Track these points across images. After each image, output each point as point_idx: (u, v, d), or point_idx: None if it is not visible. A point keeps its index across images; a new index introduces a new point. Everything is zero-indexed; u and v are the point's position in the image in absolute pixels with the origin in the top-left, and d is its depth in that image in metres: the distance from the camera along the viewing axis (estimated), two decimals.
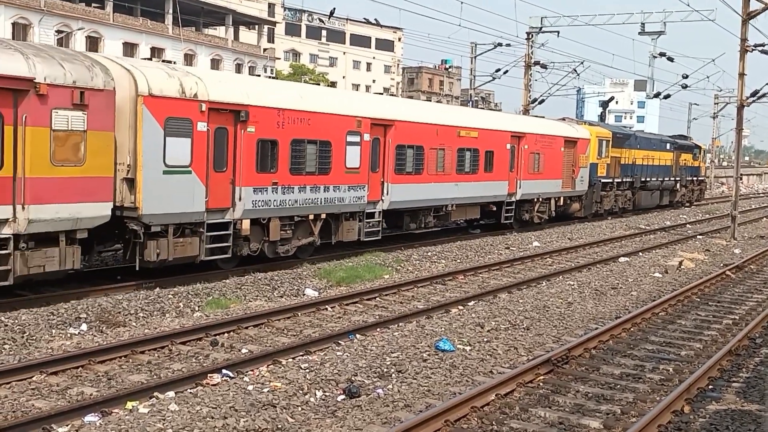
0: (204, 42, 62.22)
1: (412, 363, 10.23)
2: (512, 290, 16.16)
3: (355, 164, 19.23)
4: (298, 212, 17.78)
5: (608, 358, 11.10)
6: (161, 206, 14.37)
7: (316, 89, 20.58)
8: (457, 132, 23.41)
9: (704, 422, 8.41)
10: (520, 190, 27.15)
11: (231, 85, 16.56)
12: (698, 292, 16.68)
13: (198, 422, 7.70)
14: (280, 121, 16.94)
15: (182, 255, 15.00)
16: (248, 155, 16.15)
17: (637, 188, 38.39)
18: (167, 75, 14.69)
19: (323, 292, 15.42)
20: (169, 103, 14.41)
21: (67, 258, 13.03)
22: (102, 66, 13.48)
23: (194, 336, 11.36)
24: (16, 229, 12.13)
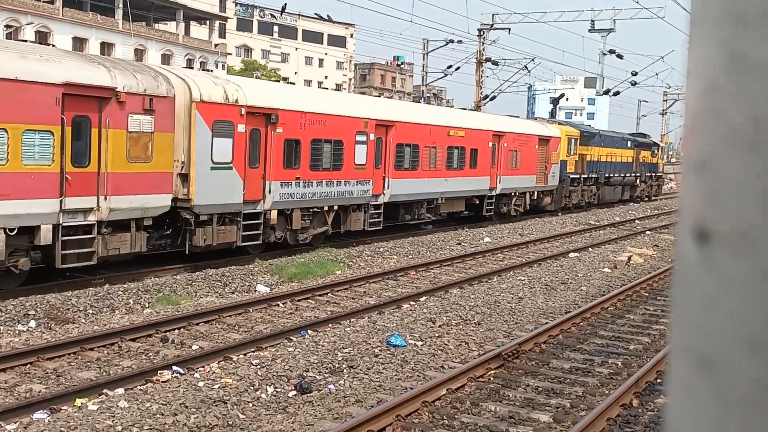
0: (155, 37, 61.37)
1: (364, 358, 10.25)
2: (463, 286, 16.29)
3: (362, 161, 21.27)
4: (316, 204, 19.86)
5: (558, 352, 11.26)
6: (209, 198, 16.36)
7: (331, 94, 23.66)
8: (447, 131, 25.51)
9: (653, 415, 8.59)
10: (500, 184, 29.24)
11: (264, 91, 18.88)
12: (647, 287, 17.01)
13: (148, 419, 7.62)
14: (303, 123, 18.96)
15: (223, 241, 17.01)
16: (277, 153, 18.16)
17: (602, 183, 40.30)
18: (213, 83, 16.93)
19: (275, 288, 15.36)
20: (216, 107, 16.47)
21: (137, 242, 15.10)
22: (164, 76, 15.72)
23: (144, 333, 11.23)
24: (99, 216, 14.16)
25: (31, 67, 12.97)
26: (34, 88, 12.89)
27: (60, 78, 13.29)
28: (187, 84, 16.04)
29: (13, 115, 12.63)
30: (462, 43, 42.94)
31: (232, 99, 16.83)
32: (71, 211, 13.65)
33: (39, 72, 13.04)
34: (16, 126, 12.66)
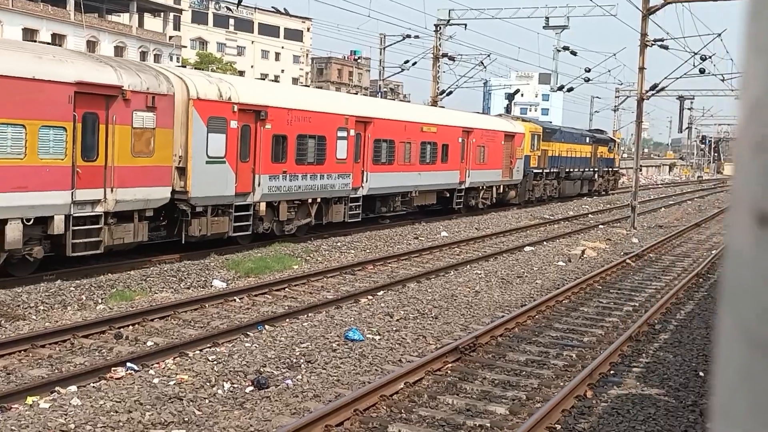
0: (107, 29, 60.31)
1: (322, 353, 10.22)
2: (421, 280, 16.33)
3: (343, 156, 22.32)
4: (301, 196, 20.89)
5: (514, 345, 11.35)
6: (204, 190, 17.24)
7: (314, 92, 24.85)
8: (420, 128, 26.86)
9: (606, 406, 8.70)
10: (468, 178, 30.62)
11: (254, 89, 20.00)
12: (600, 280, 17.24)
13: (101, 416, 7.49)
14: (289, 119, 19.92)
15: (216, 231, 17.88)
16: (265, 148, 19.11)
17: (562, 178, 41.80)
18: (208, 81, 17.92)
19: (231, 283, 15.22)
20: (211, 104, 17.38)
21: (139, 232, 15.93)
22: (164, 75, 16.60)
23: (97, 329, 11.03)
24: (106, 207, 14.96)
25: (47, 67, 13.82)
26: (50, 87, 13.75)
27: (73, 77, 14.15)
28: (185, 82, 16.97)
29: (31, 112, 13.45)
30: (419, 38, 43.08)
31: (225, 96, 17.79)
32: (81, 203, 14.53)
33: (54, 72, 13.90)
34: (33, 122, 13.48)
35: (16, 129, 13.24)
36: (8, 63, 13.19)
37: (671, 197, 52.04)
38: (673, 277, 18.34)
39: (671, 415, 8.48)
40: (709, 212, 39.44)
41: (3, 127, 13.05)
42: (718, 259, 21.68)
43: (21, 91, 13.22)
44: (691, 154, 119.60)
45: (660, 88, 34.21)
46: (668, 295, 15.23)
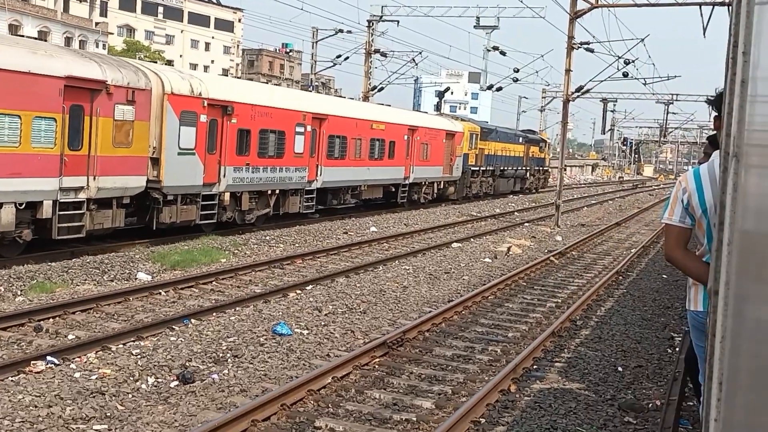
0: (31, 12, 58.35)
1: (249, 347, 10.08)
2: (350, 274, 16.29)
3: (300, 150, 23.68)
4: (262, 188, 22.20)
5: (441, 340, 11.43)
6: (176, 180, 18.28)
7: (276, 89, 26.90)
8: (370, 125, 28.37)
9: (529, 400, 8.83)
10: (413, 174, 32.35)
11: (221, 85, 21.44)
12: (524, 277, 17.51)
13: (20, 411, 7.22)
14: (253, 114, 21.17)
15: (185, 219, 19.00)
16: (231, 141, 20.32)
17: (497, 176, 43.85)
18: (181, 77, 19.02)
19: (157, 276, 14.90)
20: (183, 99, 18.46)
21: (117, 218, 16.99)
22: (142, 71, 17.64)
23: (16, 321, 10.63)
24: (89, 194, 15.96)
25: (41, 61, 14.82)
26: (43, 80, 14.73)
27: (63, 72, 15.13)
28: (160, 78, 18.00)
29: (26, 103, 14.39)
30: (351, 33, 42.98)
31: (196, 92, 18.97)
32: (67, 189, 15.48)
33: (47, 66, 14.88)
34: (28, 113, 14.45)
35: (12, 119, 14.21)
36: (7, 57, 14.20)
37: (594, 197, 53.28)
38: (594, 275, 18.76)
39: (591, 409, 8.66)
40: (630, 212, 40.54)
41: (1, 117, 13.99)
42: (637, 257, 22.29)
43: (18, 84, 14.19)
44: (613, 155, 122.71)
45: (585, 90, 34.97)
46: (589, 292, 15.56)
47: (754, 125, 1.71)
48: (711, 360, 1.61)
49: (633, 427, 8.21)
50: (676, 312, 14.64)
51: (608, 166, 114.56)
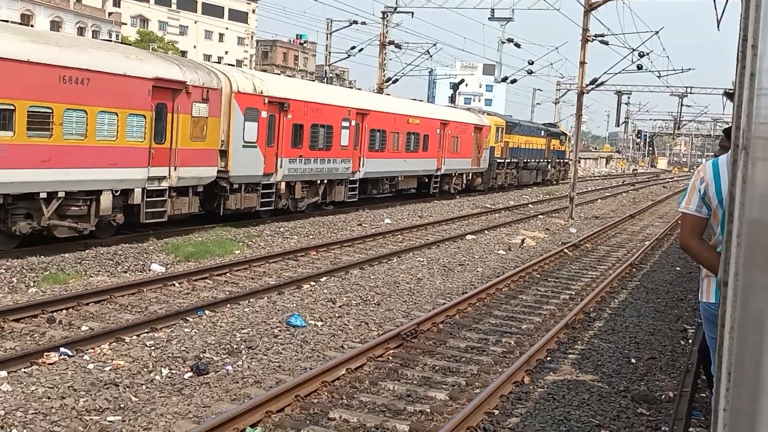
0: (43, 2, 58.57)
1: (263, 339, 10.12)
2: (364, 266, 16.32)
3: (346, 143, 25.77)
4: (313, 177, 24.34)
5: (455, 332, 11.44)
6: (241, 170, 20.27)
7: (325, 86, 29.72)
8: (407, 119, 30.41)
9: (543, 392, 8.83)
10: (444, 166, 34.34)
11: (279, 83, 23.34)
12: (538, 269, 17.48)
13: (33, 403, 7.28)
14: (306, 110, 23.21)
15: (247, 205, 21.06)
16: (287, 135, 22.39)
17: (521, 167, 45.86)
18: (245, 77, 21.00)
19: (170, 268, 14.97)
20: (248, 97, 20.42)
21: (192, 204, 18.91)
22: (214, 72, 19.62)
23: (29, 313, 10.70)
24: (170, 183, 17.87)
25: (134, 65, 16.76)
26: (136, 82, 16.60)
27: (151, 74, 17.03)
28: (228, 78, 19.92)
29: (122, 102, 16.28)
30: (366, 24, 42.81)
31: (258, 90, 20.97)
32: (153, 178, 17.40)
33: (139, 69, 16.82)
34: (123, 110, 16.34)
35: (111, 116, 16.11)
36: (108, 62, 16.10)
37: (608, 189, 53.07)
38: (608, 267, 18.70)
39: (604, 401, 8.65)
40: (643, 204, 40.35)
41: (102, 115, 15.86)
42: (651, 249, 22.20)
43: (116, 85, 16.09)
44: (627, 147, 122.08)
45: (599, 82, 34.80)
46: (603, 284, 15.52)
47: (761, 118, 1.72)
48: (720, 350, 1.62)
49: (646, 419, 8.20)
50: (690, 304, 14.59)
51: (622, 158, 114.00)
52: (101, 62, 15.88)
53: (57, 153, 15.01)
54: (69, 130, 15.22)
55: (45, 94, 14.60)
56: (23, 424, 6.84)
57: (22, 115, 14.22)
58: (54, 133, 14.87)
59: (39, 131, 14.61)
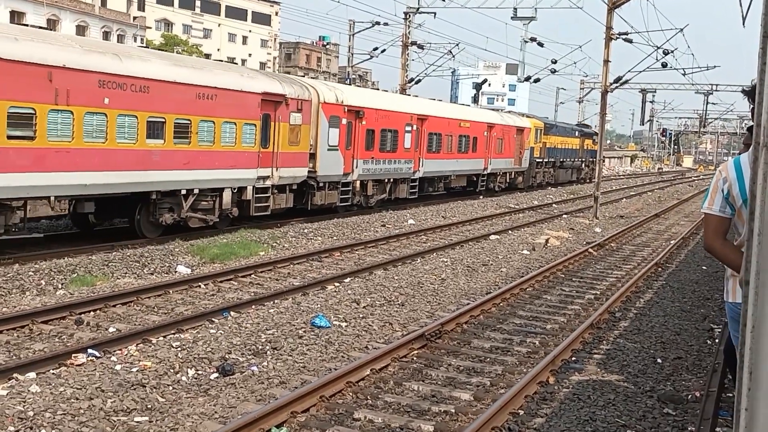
0: (69, 7, 59.21)
1: (288, 340, 10.17)
2: (388, 267, 16.34)
3: (408, 146, 28.65)
4: (382, 176, 27.45)
5: (479, 332, 11.42)
6: (326, 170, 23.50)
7: (391, 95, 32.72)
8: (459, 123, 33.21)
9: (568, 392, 8.79)
10: (490, 166, 37.12)
11: (355, 93, 26.62)
12: (563, 269, 17.40)
13: (61, 404, 7.37)
14: (376, 117, 26.23)
15: (329, 201, 24.21)
16: (361, 139, 25.43)
17: (557, 167, 48.64)
18: (329, 89, 24.36)
19: (196, 269, 15.08)
20: (331, 106, 23.60)
21: (288, 200, 22.13)
22: (305, 85, 22.92)
23: (57, 315, 10.84)
24: (273, 181, 21.02)
25: (247, 82, 20.12)
26: (249, 96, 19.81)
27: (260, 89, 20.29)
28: (316, 90, 23.11)
29: (239, 113, 19.43)
30: (388, 25, 42.90)
31: (339, 100, 24.05)
32: (260, 178, 20.50)
33: (251, 85, 20.16)
34: (240, 120, 19.45)
35: (231, 125, 19.14)
36: (229, 80, 19.32)
37: (632, 188, 52.67)
38: (633, 266, 18.57)
39: (630, 401, 8.60)
40: (669, 203, 39.99)
41: (225, 125, 19.01)
42: (677, 248, 22.01)
43: (235, 99, 19.28)
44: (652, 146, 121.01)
45: (624, 80, 34.54)
46: (628, 283, 15.42)
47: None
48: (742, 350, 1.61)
49: (672, 419, 8.14)
50: (716, 303, 14.44)
51: (647, 157, 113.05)
52: (224, 81, 19.00)
53: (193, 157, 18.14)
54: (202, 138, 18.31)
55: (186, 108, 17.76)
56: (52, 425, 6.93)
57: (170, 126, 17.30)
58: (191, 141, 18.01)
59: (181, 139, 17.70)
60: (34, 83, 14.24)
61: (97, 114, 15.59)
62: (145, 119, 16.71)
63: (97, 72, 15.52)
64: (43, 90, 14.41)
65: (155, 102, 16.87)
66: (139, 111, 16.55)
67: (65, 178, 15.15)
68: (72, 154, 15.15)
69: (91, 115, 15.45)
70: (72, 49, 15.40)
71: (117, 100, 15.97)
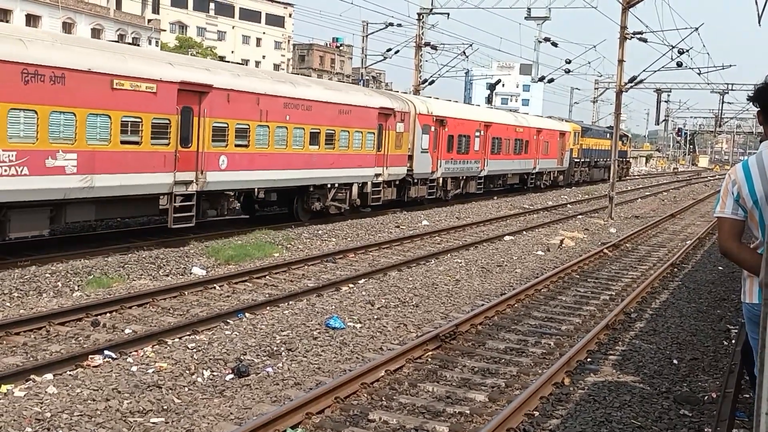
0: (84, 10, 59.57)
1: (303, 341, 10.19)
2: (402, 268, 16.33)
3: (477, 148, 33.62)
4: (457, 174, 32.36)
5: (494, 333, 11.39)
6: (419, 169, 28.58)
7: (465, 106, 38.61)
8: (515, 128, 38.27)
9: (583, 393, 8.75)
10: (538, 166, 42.08)
11: (440, 105, 31.29)
12: (578, 269, 17.33)
13: (78, 405, 7.41)
14: (455, 124, 31.22)
15: (420, 195, 29.33)
16: (444, 143, 30.37)
17: (592, 166, 53.77)
18: (421, 102, 29.41)
19: (211, 271, 15.13)
20: (424, 117, 28.57)
21: (392, 193, 27.13)
22: (406, 100, 28.25)
23: (74, 316, 10.91)
24: (383, 178, 25.93)
25: (369, 99, 25.24)
26: (371, 111, 24.87)
27: (377, 105, 25.35)
28: (413, 103, 28.21)
29: (364, 124, 24.46)
30: (401, 26, 42.80)
31: (429, 111, 29.05)
32: (376, 175, 25.44)
33: (372, 102, 25.16)
34: (364, 129, 24.47)
35: (359, 134, 24.18)
36: (359, 99, 24.55)
37: (647, 188, 52.41)
38: (649, 267, 18.47)
39: (646, 402, 8.55)
40: (684, 203, 39.76)
41: (356, 133, 24.04)
42: (693, 249, 21.87)
43: (363, 114, 24.32)
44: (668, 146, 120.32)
45: (638, 80, 34.36)
46: (644, 284, 15.33)
47: None
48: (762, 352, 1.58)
49: (689, 420, 8.09)
50: (732, 304, 14.35)
51: (662, 157, 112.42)
52: (355, 99, 24.20)
53: (336, 159, 23.08)
54: (341, 144, 23.29)
55: (332, 121, 22.73)
56: (69, 426, 6.98)
57: (323, 135, 22.38)
58: (335, 146, 22.98)
59: (329, 145, 22.70)
60: (249, 107, 19.16)
61: (281, 127, 20.54)
62: (309, 131, 21.72)
63: (282, 96, 20.54)
64: (254, 111, 19.35)
65: (314, 117, 21.88)
66: (305, 124, 21.54)
67: (265, 174, 20.12)
68: (268, 157, 20.09)
69: (279, 128, 20.45)
70: (268, 81, 20.70)
71: (293, 116, 20.97)
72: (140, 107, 15.86)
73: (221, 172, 18.31)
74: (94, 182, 14.91)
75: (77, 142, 14.53)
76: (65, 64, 14.23)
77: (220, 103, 18.06)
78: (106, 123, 15.13)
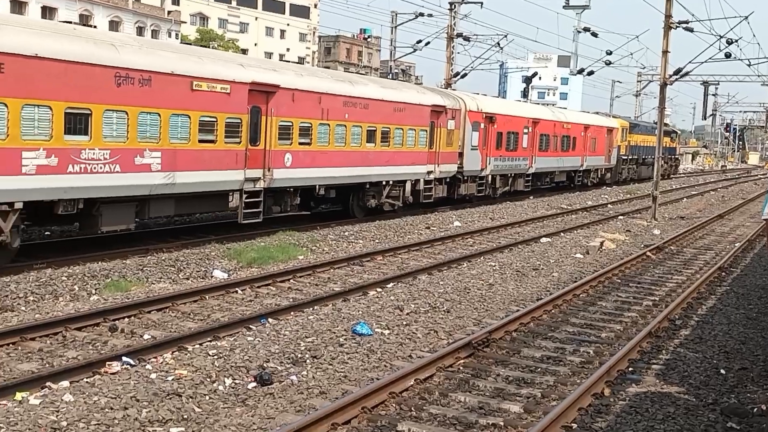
0: (101, 2, 60.24)
1: (328, 348, 10.22)
2: (432, 272, 16.32)
3: (525, 145, 34.52)
4: (506, 172, 33.49)
5: (529, 340, 11.35)
6: (469, 166, 29.64)
7: (513, 103, 40.96)
8: (562, 125, 39.04)
9: (624, 405, 8.70)
10: (586, 163, 43.03)
11: (489, 102, 32.81)
12: (619, 274, 17.21)
13: (95, 413, 7.50)
14: (504, 121, 32.24)
15: (470, 192, 30.38)
16: (493, 140, 31.42)
17: (640, 163, 54.78)
18: (471, 99, 30.34)
19: (233, 274, 15.24)
20: (474, 114, 29.71)
21: (443, 190, 28.29)
22: (457, 97, 29.38)
23: (91, 321, 11.05)
24: (435, 175, 27.10)
25: (421, 97, 26.49)
26: (423, 108, 26.13)
27: (430, 102, 26.59)
28: (464, 100, 29.27)
29: (417, 122, 25.70)
30: (432, 16, 42.74)
31: (479, 108, 30.18)
32: (428, 172, 26.67)
33: (424, 100, 26.47)
34: (417, 127, 25.72)
35: (412, 131, 25.45)
36: (412, 96, 25.86)
37: (694, 187, 51.93)
38: (695, 271, 18.29)
39: (691, 414, 8.48)
40: (733, 203, 39.30)
41: (410, 131, 25.33)
42: (742, 252, 21.61)
43: (414, 111, 25.54)
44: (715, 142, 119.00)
45: (684, 72, 33.96)
46: (689, 289, 15.19)
47: None
48: None
49: None
50: None
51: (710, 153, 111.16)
52: (408, 97, 25.51)
53: (391, 156, 24.42)
54: (396, 142, 24.64)
55: (387, 119, 24.13)
56: None
57: (379, 133, 23.70)
58: (390, 144, 24.34)
59: (384, 143, 24.05)
60: (311, 105, 20.55)
61: (340, 125, 21.88)
62: (365, 128, 23.10)
63: (341, 95, 21.90)
64: (316, 110, 20.75)
65: (371, 115, 23.23)
66: (362, 122, 22.87)
67: (326, 172, 21.48)
68: (328, 155, 21.44)
69: (338, 126, 21.78)
70: (328, 80, 22.18)
71: (352, 114, 22.30)
72: (216, 107, 17.33)
73: (286, 170, 19.77)
74: (175, 179, 16.38)
75: (161, 141, 15.96)
76: (151, 67, 15.70)
77: (286, 102, 19.50)
78: (186, 123, 16.58)
